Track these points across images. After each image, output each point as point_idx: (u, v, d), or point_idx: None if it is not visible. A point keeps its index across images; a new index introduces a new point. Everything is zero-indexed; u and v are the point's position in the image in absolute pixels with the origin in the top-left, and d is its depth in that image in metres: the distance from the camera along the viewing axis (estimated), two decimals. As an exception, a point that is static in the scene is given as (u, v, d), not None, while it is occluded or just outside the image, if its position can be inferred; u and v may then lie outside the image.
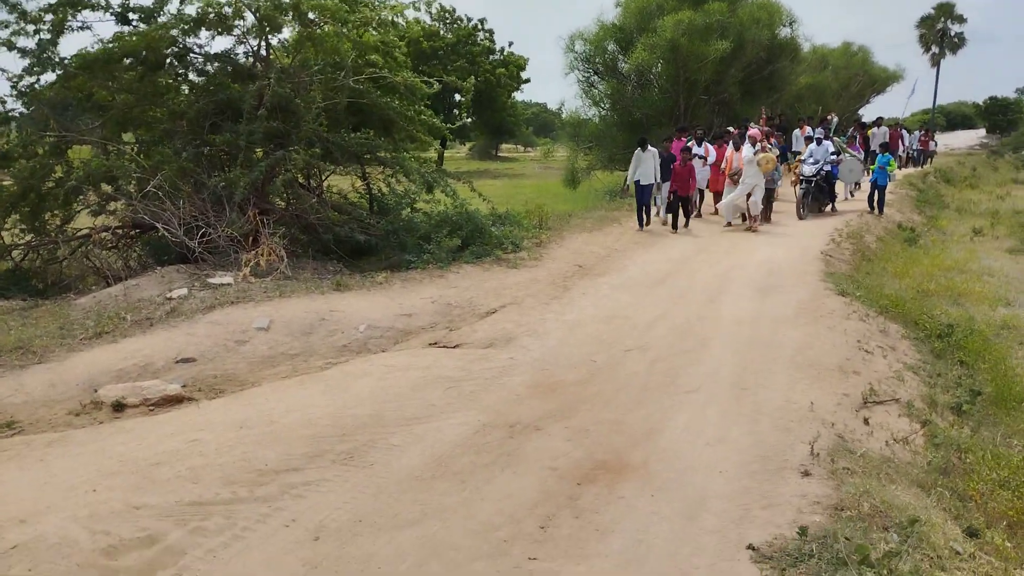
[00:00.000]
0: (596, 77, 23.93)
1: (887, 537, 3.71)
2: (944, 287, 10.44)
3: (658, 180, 13.80)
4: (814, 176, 15.57)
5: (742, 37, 21.87)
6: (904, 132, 27.64)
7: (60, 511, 3.90)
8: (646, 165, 13.72)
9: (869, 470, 4.54)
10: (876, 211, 16.39)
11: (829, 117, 24.17)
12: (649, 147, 13.88)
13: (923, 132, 31.63)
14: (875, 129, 23.85)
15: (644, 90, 22.78)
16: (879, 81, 38.87)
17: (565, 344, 7.20)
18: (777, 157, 14.84)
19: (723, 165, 15.10)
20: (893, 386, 6.23)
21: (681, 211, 14.17)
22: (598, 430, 5.12)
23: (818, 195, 16.11)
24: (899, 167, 26.49)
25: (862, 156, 18.89)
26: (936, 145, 34.66)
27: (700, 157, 15.28)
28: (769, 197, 14.89)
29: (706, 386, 5.98)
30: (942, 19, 55.51)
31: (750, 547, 3.64)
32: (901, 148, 26.30)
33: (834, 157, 16.14)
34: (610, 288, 9.69)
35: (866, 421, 5.39)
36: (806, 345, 6.99)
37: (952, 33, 55.76)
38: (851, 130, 22.99)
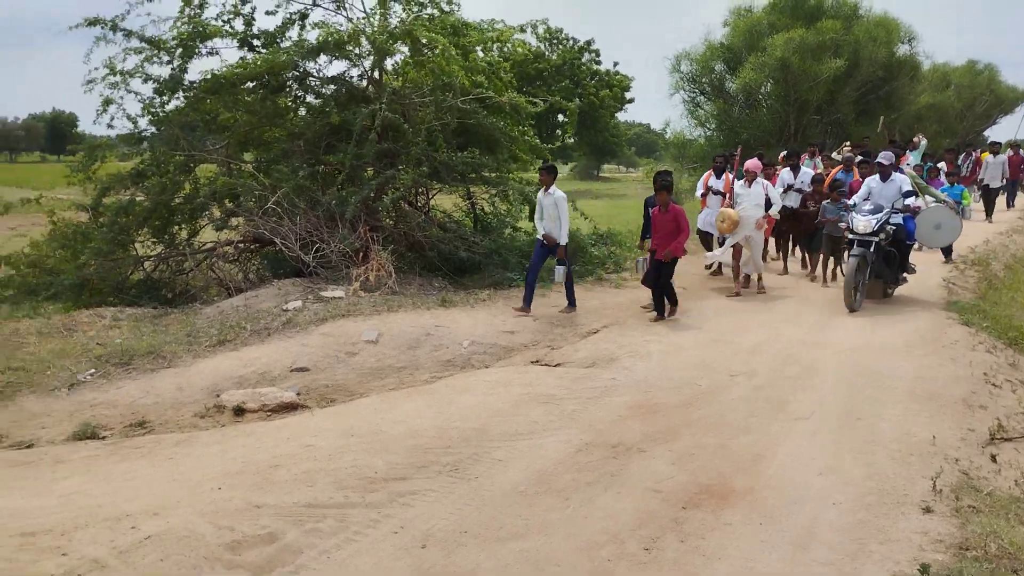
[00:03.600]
0: (702, 97, 23.67)
1: (1018, 581, 3.49)
2: (1081, 319, 9.71)
3: (564, 242, 9.13)
4: (873, 236, 9.18)
5: (857, 55, 21.18)
6: None
7: (188, 506, 4.15)
8: (546, 213, 9.17)
9: (996, 509, 4.28)
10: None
11: (916, 139, 17.85)
12: (553, 190, 9.10)
13: (1013, 153, 20.69)
14: (990, 156, 19.02)
15: (752, 110, 22.34)
16: (1007, 101, 36.86)
17: (667, 366, 7.11)
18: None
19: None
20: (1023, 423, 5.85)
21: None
22: (702, 454, 5.04)
23: (882, 268, 9.49)
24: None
25: (954, 199, 11.35)
26: None
27: (718, 192, 11.75)
28: (833, 248, 10.92)
29: (816, 414, 5.79)
30: (1079, 33, 51.96)
31: (865, 583, 3.49)
32: None
33: (910, 202, 9.54)
34: (714, 311, 9.52)
35: (993, 458, 5.08)
36: (926, 376, 6.67)
37: (1090, 48, 52.10)
38: (962, 157, 17.36)
